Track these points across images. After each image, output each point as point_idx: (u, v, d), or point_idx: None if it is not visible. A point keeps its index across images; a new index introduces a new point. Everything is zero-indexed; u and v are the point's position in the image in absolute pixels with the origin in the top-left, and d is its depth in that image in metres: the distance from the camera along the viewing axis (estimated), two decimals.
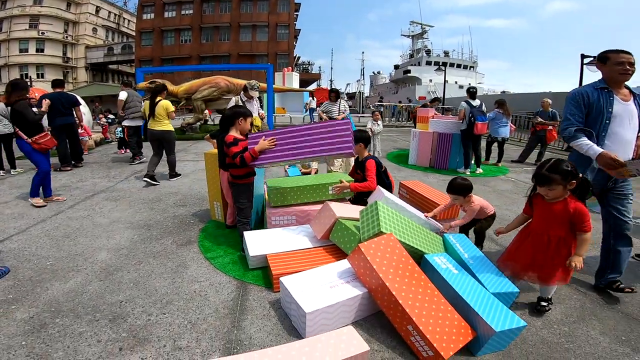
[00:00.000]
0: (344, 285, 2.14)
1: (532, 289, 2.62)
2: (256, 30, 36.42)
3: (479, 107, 6.27)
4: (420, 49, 45.05)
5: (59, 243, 3.29)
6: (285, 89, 17.96)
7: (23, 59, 36.29)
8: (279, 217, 3.23)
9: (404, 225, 2.49)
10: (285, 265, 2.51)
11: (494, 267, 2.39)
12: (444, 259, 2.35)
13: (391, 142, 10.95)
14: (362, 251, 2.04)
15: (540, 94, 22.37)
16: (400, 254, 2.12)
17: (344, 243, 2.59)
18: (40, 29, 36.45)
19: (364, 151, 3.58)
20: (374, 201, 2.54)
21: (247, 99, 5.42)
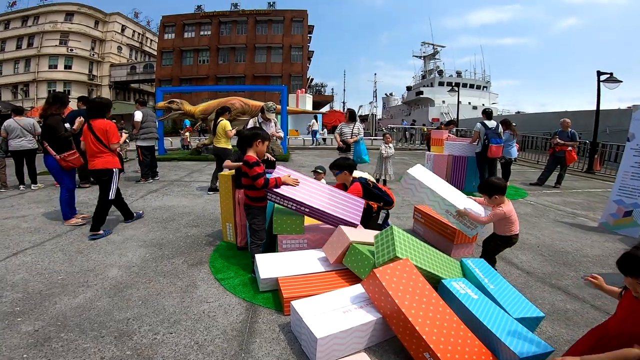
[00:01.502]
0: (357, 310, 2.08)
1: (560, 311, 2.55)
2: (271, 51, 37.37)
3: (495, 129, 6.16)
4: (432, 69, 44.99)
5: (71, 258, 3.33)
6: (299, 111, 18.27)
7: (52, 75, 37.32)
8: (290, 240, 3.19)
9: (420, 250, 2.44)
10: (296, 289, 2.47)
11: (516, 292, 2.33)
12: (462, 284, 2.28)
13: (404, 165, 10.83)
14: (377, 276, 1.99)
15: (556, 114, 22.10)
16: (416, 279, 2.06)
17: (358, 268, 2.54)
18: (69, 45, 37.68)
19: (349, 177, 3.73)
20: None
21: (263, 121, 5.45)
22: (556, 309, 2.59)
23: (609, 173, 9.74)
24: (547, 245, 3.95)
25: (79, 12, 38.48)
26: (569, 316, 2.50)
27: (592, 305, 2.67)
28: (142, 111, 7.07)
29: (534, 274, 3.20)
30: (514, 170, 9.50)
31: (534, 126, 19.02)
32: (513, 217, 2.82)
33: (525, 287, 2.93)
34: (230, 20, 37.59)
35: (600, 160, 10.60)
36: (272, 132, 5.42)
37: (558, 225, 4.72)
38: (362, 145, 6.20)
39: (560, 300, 2.73)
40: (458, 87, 20.62)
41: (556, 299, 2.75)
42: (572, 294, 2.83)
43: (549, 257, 3.60)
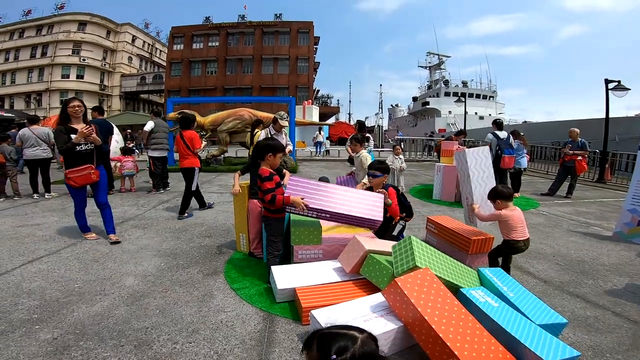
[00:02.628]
0: (378, 319, 2.09)
1: (580, 318, 2.54)
2: (277, 62, 37.83)
3: (507, 140, 6.14)
4: (438, 79, 44.82)
5: (87, 266, 3.35)
6: (307, 123, 18.36)
7: (64, 85, 37.90)
8: (306, 251, 3.19)
9: (439, 260, 2.45)
10: (314, 298, 2.46)
11: (537, 299, 2.32)
12: (481, 292, 2.28)
13: (413, 176, 10.81)
14: (398, 285, 2.01)
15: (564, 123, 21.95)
16: (438, 287, 2.06)
17: (377, 277, 2.54)
18: (82, 55, 38.41)
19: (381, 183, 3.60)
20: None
21: (276, 132, 5.41)
22: (577, 316, 2.58)
23: (620, 182, 9.64)
24: (562, 254, 3.92)
25: (91, 22, 39.40)
26: (590, 322, 2.49)
27: (612, 311, 2.65)
28: (154, 121, 7.15)
29: (552, 282, 3.18)
30: (523, 180, 9.42)
31: (541, 135, 18.90)
32: (513, 223, 3.03)
33: (544, 295, 2.90)
34: (238, 31, 38.24)
35: (610, 169, 10.50)
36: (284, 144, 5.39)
37: (572, 235, 4.68)
38: (372, 156, 6.19)
39: (580, 308, 2.71)
40: (465, 97, 20.60)
41: (576, 306, 2.74)
42: (591, 302, 2.81)
43: (565, 266, 3.57)
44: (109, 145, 6.91)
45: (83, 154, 3.84)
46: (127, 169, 7.25)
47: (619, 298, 2.87)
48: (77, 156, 3.82)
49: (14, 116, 19.47)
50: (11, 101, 38.69)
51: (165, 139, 7.33)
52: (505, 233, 3.13)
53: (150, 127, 7.05)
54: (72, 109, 3.87)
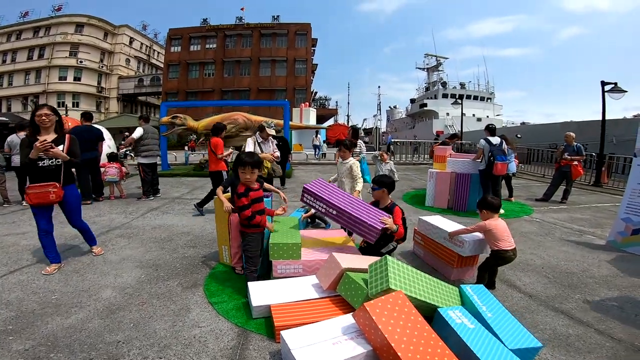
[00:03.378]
0: (347, 342, 2.03)
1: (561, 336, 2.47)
2: (275, 64, 37.81)
3: (499, 146, 6.01)
4: (436, 81, 44.93)
5: (67, 278, 3.34)
6: (302, 127, 18.29)
7: (61, 87, 37.84)
8: (285, 266, 3.13)
9: (416, 280, 2.38)
10: (289, 317, 2.41)
11: (515, 320, 2.25)
12: (459, 313, 2.21)
13: (408, 181, 10.70)
14: (367, 310, 1.95)
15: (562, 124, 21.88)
16: (409, 312, 2.00)
17: (352, 297, 2.49)
18: (79, 57, 38.31)
19: (387, 198, 3.56)
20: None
21: (262, 140, 5.36)
22: (557, 335, 2.50)
23: (617, 185, 9.61)
24: (552, 266, 3.84)
25: (88, 23, 39.37)
26: (571, 342, 2.42)
27: (596, 329, 2.58)
28: (143, 128, 7.02)
29: (537, 297, 3.11)
30: (518, 185, 9.35)
31: (539, 137, 18.87)
32: (497, 233, 3.07)
33: (527, 311, 2.84)
34: (236, 33, 38.23)
35: (607, 172, 10.45)
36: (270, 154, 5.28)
37: (564, 244, 4.61)
38: (364, 165, 6.11)
39: (562, 325, 2.64)
40: (462, 99, 20.55)
41: (558, 323, 2.67)
42: (575, 318, 2.74)
43: (553, 279, 3.49)
44: (99, 152, 6.88)
45: (46, 170, 3.32)
46: (110, 175, 7.14)
47: (605, 314, 2.80)
48: (39, 172, 3.31)
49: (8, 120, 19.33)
50: (8, 103, 38.64)
51: (155, 145, 7.21)
52: (492, 243, 3.13)
53: (139, 135, 6.91)
54: (37, 118, 3.32)
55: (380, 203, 3.56)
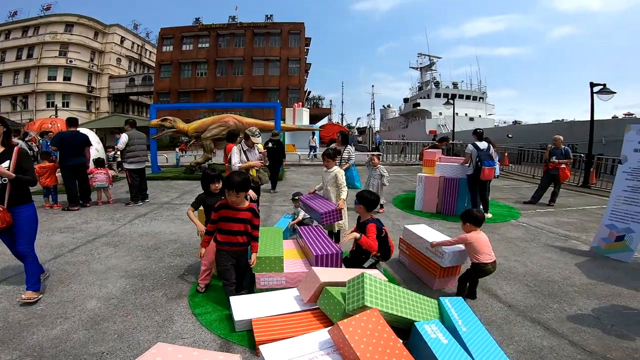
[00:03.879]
0: (323, 358, 2.06)
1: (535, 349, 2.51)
2: (268, 64, 37.68)
3: (487, 151, 6.03)
4: (429, 81, 44.85)
5: (52, 288, 3.33)
6: (294, 128, 18.23)
7: (51, 87, 37.38)
8: (268, 278, 3.15)
9: (393, 295, 2.41)
10: (269, 331, 2.43)
11: (488, 336, 2.28)
12: (434, 327, 2.25)
13: (399, 183, 10.71)
14: (340, 329, 1.98)
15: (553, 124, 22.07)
16: (382, 330, 2.04)
17: (330, 311, 2.52)
18: (69, 57, 37.85)
19: (367, 214, 3.54)
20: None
21: (248, 148, 5.32)
22: (531, 347, 2.53)
23: (605, 186, 9.69)
24: (534, 273, 3.88)
25: (78, 23, 38.90)
26: (544, 354, 2.44)
27: (570, 340, 2.61)
28: (129, 134, 6.92)
29: (516, 307, 3.14)
30: (508, 186, 9.42)
31: (530, 137, 19.01)
32: (478, 246, 3.12)
33: (505, 322, 2.87)
34: (228, 33, 38.02)
35: (596, 172, 10.57)
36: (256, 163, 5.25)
37: (548, 251, 4.66)
38: (354, 171, 6.08)
39: (537, 337, 2.67)
40: (454, 99, 20.66)
41: (534, 334, 2.70)
42: (551, 329, 2.77)
43: (534, 288, 3.53)
44: (87, 157, 6.80)
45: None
46: (99, 181, 7.08)
47: (581, 325, 2.83)
48: None
49: None
50: None
51: (142, 150, 7.10)
52: (473, 256, 3.17)
53: (124, 142, 6.82)
54: None
55: (361, 218, 3.57)
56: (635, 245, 4.27)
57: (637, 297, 3.30)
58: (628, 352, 2.42)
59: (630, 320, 2.86)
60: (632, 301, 3.23)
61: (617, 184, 4.63)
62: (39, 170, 6.56)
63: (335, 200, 4.31)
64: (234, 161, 5.10)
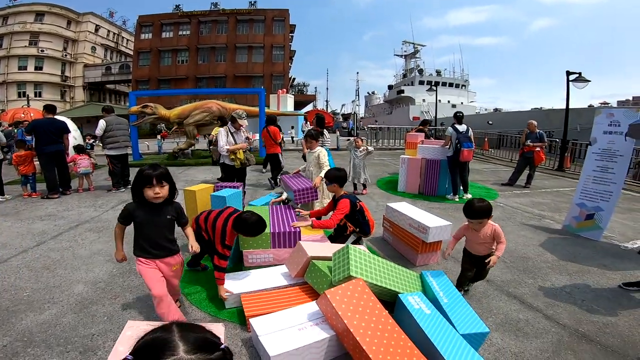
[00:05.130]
0: (312, 328, 2.14)
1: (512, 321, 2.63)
2: (252, 51, 37.03)
3: (465, 133, 6.24)
4: (413, 68, 45.37)
5: (37, 275, 3.30)
6: (279, 114, 18.14)
7: (22, 77, 36.18)
8: (256, 255, 3.21)
9: (378, 267, 2.50)
10: (258, 306, 2.49)
11: (468, 307, 2.38)
12: (417, 299, 2.34)
13: (383, 166, 10.92)
14: (328, 297, 2.05)
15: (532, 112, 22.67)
16: (367, 298, 2.12)
17: (317, 284, 2.59)
18: (40, 46, 36.52)
19: (340, 190, 3.62)
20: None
21: (235, 130, 5.36)
22: (509, 319, 2.66)
23: (579, 171, 10.00)
24: (510, 250, 4.03)
25: (49, 12, 37.37)
26: (520, 327, 2.57)
27: (544, 314, 2.74)
28: (106, 120, 6.78)
29: (494, 281, 3.28)
30: (487, 169, 9.69)
31: (510, 124, 19.48)
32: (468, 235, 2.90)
33: (484, 296, 3.02)
34: (210, 19, 37.07)
35: (570, 157, 10.98)
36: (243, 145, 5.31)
37: (523, 229, 4.87)
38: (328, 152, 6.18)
39: (514, 310, 2.80)
40: (437, 87, 20.88)
41: (511, 308, 2.83)
42: (527, 303, 2.91)
43: (510, 264, 3.70)
44: (65, 144, 6.63)
45: None
46: (83, 167, 6.99)
47: (554, 299, 2.97)
48: None
49: None
50: None
51: (122, 135, 6.95)
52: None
53: (102, 128, 6.70)
54: None
55: (336, 195, 3.64)
56: (605, 223, 4.48)
57: (606, 274, 3.45)
58: (599, 327, 2.55)
59: (600, 296, 3.01)
60: (601, 278, 3.38)
61: (587, 164, 4.81)
62: (16, 159, 6.42)
63: (321, 184, 4.40)
64: (222, 143, 5.15)
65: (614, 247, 4.25)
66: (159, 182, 2.22)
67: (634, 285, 3.11)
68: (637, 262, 3.71)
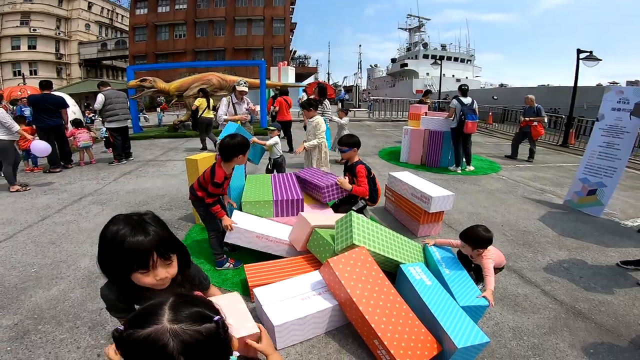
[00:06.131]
0: (315, 297, 2.16)
1: (510, 296, 2.65)
2: (252, 24, 36.00)
3: (470, 106, 6.19)
4: (417, 42, 44.61)
5: (44, 250, 3.32)
6: (279, 85, 17.84)
7: (15, 56, 35.89)
8: None
9: (380, 236, 2.49)
10: (262, 276, 2.52)
11: (470, 280, 2.38)
12: (419, 269, 2.34)
13: (384, 137, 10.86)
14: (331, 266, 2.05)
15: (537, 88, 22.26)
16: (370, 267, 2.12)
17: (320, 253, 2.59)
18: (31, 25, 36.01)
19: (355, 156, 3.59)
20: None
21: (237, 101, 5.33)
22: (508, 294, 2.67)
23: (582, 147, 9.94)
24: (511, 224, 4.05)
25: None
26: (519, 302, 2.59)
27: (542, 290, 2.75)
28: (104, 94, 6.78)
29: None
30: (489, 142, 9.64)
31: (515, 100, 19.18)
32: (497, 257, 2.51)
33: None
34: None
35: (575, 134, 10.86)
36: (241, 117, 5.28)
37: (525, 202, 4.86)
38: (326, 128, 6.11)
39: (513, 284, 2.81)
40: (442, 60, 20.53)
41: (510, 282, 2.84)
42: (525, 278, 2.92)
43: (510, 237, 3.70)
44: (64, 119, 6.59)
45: None
46: (83, 141, 7.00)
47: (552, 274, 2.98)
48: None
49: None
50: None
51: (122, 109, 6.96)
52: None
53: (100, 102, 6.71)
54: None
55: (349, 161, 3.63)
56: (606, 199, 4.46)
57: (604, 252, 3.43)
58: (594, 305, 2.55)
59: (597, 273, 3.01)
60: (600, 255, 3.36)
61: (592, 139, 4.75)
62: None
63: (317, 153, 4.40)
64: (220, 112, 5.18)
65: (614, 224, 4.22)
66: (161, 258, 1.15)
67: (631, 264, 3.10)
68: (636, 241, 3.69)
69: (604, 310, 2.50)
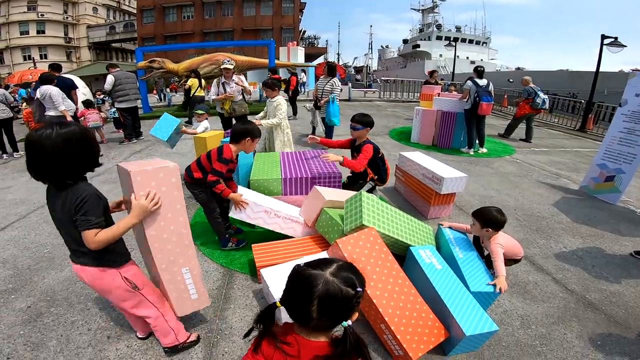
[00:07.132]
0: None
1: (521, 283, 2.59)
2: (260, 4, 35.33)
3: (486, 87, 6.02)
4: (430, 23, 43.42)
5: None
6: (289, 65, 17.62)
7: (24, 41, 36.16)
8: None
9: (390, 217, 2.42)
10: (269, 256, 2.50)
11: (483, 265, 2.29)
12: (429, 252, 2.28)
13: (395, 117, 10.65)
14: (339, 247, 1.99)
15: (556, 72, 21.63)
16: (379, 249, 2.07)
17: (329, 233, 2.54)
18: (39, 10, 36.10)
19: (365, 135, 3.47)
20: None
21: (226, 80, 5.39)
22: (518, 280, 2.62)
23: (601, 133, 9.62)
24: (524, 208, 3.96)
25: None
26: (529, 289, 2.53)
27: (553, 278, 2.69)
28: (114, 75, 6.84)
29: None
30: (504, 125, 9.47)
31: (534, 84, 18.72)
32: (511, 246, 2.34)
33: None
34: None
35: (594, 119, 10.54)
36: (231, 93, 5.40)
37: (539, 187, 4.74)
38: (335, 106, 6.00)
39: (524, 271, 2.74)
40: (456, 42, 19.91)
41: (521, 269, 2.76)
42: (537, 265, 2.85)
43: (523, 222, 3.61)
44: (74, 100, 6.61)
45: None
46: (93, 121, 7.12)
47: (565, 262, 2.90)
48: None
49: None
50: None
51: (132, 89, 7.02)
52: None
53: (110, 83, 6.78)
54: None
55: (357, 141, 3.51)
56: (624, 186, 4.32)
57: (619, 240, 3.32)
58: (605, 295, 2.48)
59: (610, 263, 2.92)
60: (614, 244, 3.25)
61: (613, 125, 4.59)
62: (27, 116, 6.49)
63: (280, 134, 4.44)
64: (211, 93, 5.50)
65: (630, 212, 4.08)
66: None
67: None
68: None
69: (614, 302, 2.43)
